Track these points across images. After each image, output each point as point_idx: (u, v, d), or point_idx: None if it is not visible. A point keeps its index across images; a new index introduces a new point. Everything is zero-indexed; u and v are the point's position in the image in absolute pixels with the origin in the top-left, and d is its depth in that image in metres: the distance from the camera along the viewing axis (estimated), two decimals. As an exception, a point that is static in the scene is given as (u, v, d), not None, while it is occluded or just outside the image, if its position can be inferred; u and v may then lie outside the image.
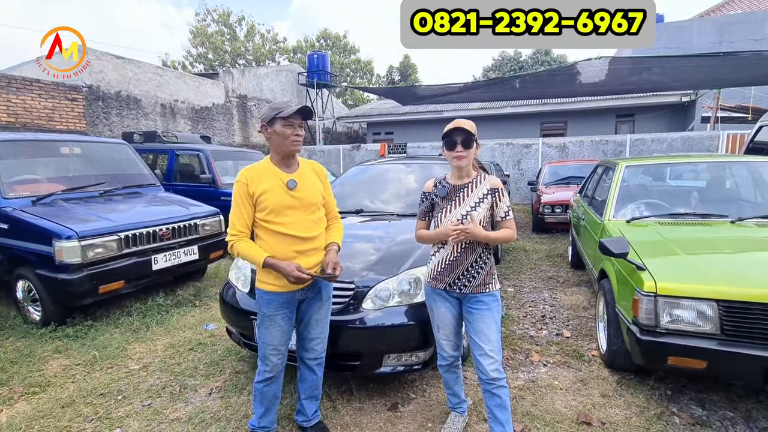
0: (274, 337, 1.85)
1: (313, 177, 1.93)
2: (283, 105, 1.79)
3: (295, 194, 1.81)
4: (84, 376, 2.73)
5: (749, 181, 3.53)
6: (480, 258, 1.85)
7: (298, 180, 1.83)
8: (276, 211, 1.78)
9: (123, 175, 4.62)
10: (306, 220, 1.83)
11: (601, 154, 10.95)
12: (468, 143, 1.82)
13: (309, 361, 2.00)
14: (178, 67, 27.76)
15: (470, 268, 1.84)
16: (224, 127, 13.01)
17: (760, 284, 2.01)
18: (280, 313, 1.84)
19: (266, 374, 1.89)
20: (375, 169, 4.26)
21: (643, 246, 2.50)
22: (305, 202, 1.83)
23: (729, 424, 2.13)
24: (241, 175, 1.81)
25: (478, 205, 1.84)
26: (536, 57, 26.67)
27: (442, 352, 2.01)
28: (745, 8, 15.54)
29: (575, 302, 3.95)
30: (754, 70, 7.73)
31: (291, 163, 1.87)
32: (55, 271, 3.25)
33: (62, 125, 8.32)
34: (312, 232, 1.85)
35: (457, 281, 1.85)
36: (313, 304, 1.94)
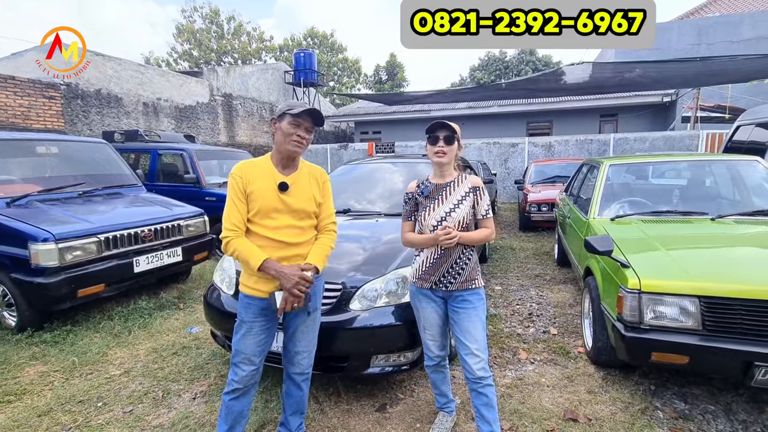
0: (247, 345, 1.75)
1: (310, 183, 1.82)
2: (299, 104, 1.73)
3: (284, 197, 1.73)
4: (62, 383, 2.64)
5: (728, 180, 3.62)
6: (463, 254, 1.86)
7: (291, 183, 1.75)
8: (263, 212, 1.71)
9: (103, 176, 4.49)
10: (293, 226, 1.75)
11: (586, 153, 11.14)
12: (450, 140, 1.84)
13: (295, 376, 1.91)
14: (162, 64, 27.27)
15: (455, 265, 1.85)
16: (209, 126, 12.80)
17: (739, 280, 2.06)
18: (257, 320, 1.75)
19: (234, 385, 1.76)
20: (362, 169, 4.23)
21: (627, 244, 2.53)
22: (293, 208, 1.74)
23: (710, 418, 2.17)
24: (236, 168, 1.74)
25: (461, 203, 1.85)
26: (521, 57, 26.95)
27: (428, 353, 2.01)
28: (723, 11, 15.98)
29: (562, 300, 3.99)
30: (731, 71, 7.95)
31: (290, 165, 1.78)
32: (30, 275, 3.14)
33: (39, 124, 8.07)
34: (298, 238, 1.76)
35: (442, 279, 1.86)
36: (299, 315, 1.83)
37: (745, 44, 12.83)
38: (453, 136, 1.84)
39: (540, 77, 9.21)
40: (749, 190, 3.39)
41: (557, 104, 14.23)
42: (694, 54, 12.85)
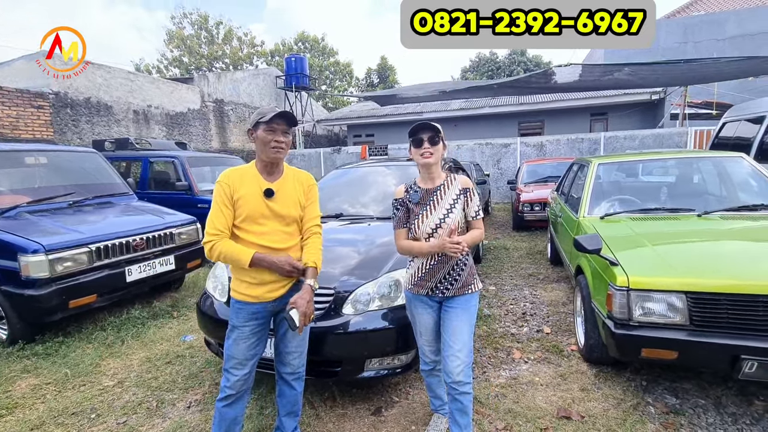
0: (239, 350, 1.77)
1: (296, 188, 1.83)
2: (269, 110, 1.73)
3: (270, 204, 1.75)
4: (55, 395, 2.61)
5: (714, 176, 3.68)
6: (460, 260, 1.82)
7: (276, 189, 1.77)
8: (250, 218, 1.73)
9: (93, 185, 4.47)
10: (280, 231, 1.77)
11: (577, 152, 11.23)
12: (434, 140, 1.79)
13: (286, 375, 1.93)
14: (153, 71, 27.13)
15: (452, 271, 1.82)
16: (201, 132, 12.75)
17: (725, 275, 2.09)
18: (248, 325, 1.78)
19: (227, 391, 1.78)
20: (355, 172, 4.24)
21: (616, 242, 2.56)
22: (279, 213, 1.77)
23: (701, 411, 2.20)
24: (223, 175, 1.76)
25: (453, 207, 1.82)
26: (512, 58, 27.16)
27: (424, 357, 2.01)
28: (708, 9, 16.23)
29: (555, 298, 4.02)
30: (715, 73, 8.10)
31: (274, 171, 1.80)
32: (21, 287, 3.11)
33: (28, 134, 7.99)
34: (285, 243, 1.78)
35: (439, 285, 1.82)
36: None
37: (731, 42, 13.05)
38: (437, 136, 1.79)
39: (531, 78, 9.30)
40: (735, 186, 3.44)
41: (548, 104, 14.35)
42: (682, 51, 13.07)
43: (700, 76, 8.73)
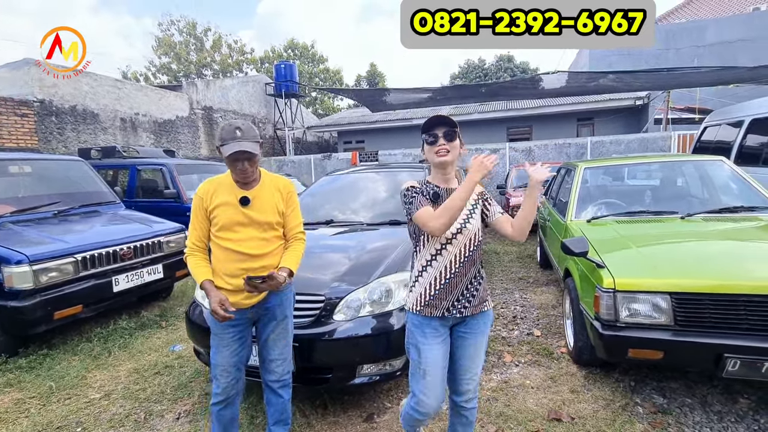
0: (222, 356, 1.81)
1: (273, 195, 1.85)
2: (229, 138, 1.68)
3: (246, 211, 1.77)
4: (39, 409, 2.55)
5: (696, 179, 3.77)
6: (479, 272, 1.60)
7: (253, 197, 1.79)
8: (227, 227, 1.76)
9: (79, 194, 4.40)
10: (257, 238, 1.79)
11: (565, 156, 11.39)
12: (451, 136, 1.56)
13: (272, 383, 1.93)
14: (140, 78, 26.90)
15: (470, 286, 1.57)
16: (189, 140, 12.65)
17: (707, 276, 2.14)
18: (228, 332, 1.80)
19: (218, 396, 1.83)
20: (345, 179, 4.25)
21: (602, 244, 2.61)
22: (256, 221, 1.78)
23: (687, 410, 2.24)
24: (199, 188, 1.81)
25: (472, 213, 1.61)
26: (500, 64, 27.59)
27: (419, 407, 1.60)
28: (688, 17, 16.71)
29: (545, 301, 4.06)
30: (696, 81, 8.35)
31: (249, 180, 1.81)
32: (4, 299, 3.04)
33: (11, 142, 7.84)
34: (262, 250, 1.80)
35: (456, 303, 1.55)
36: (268, 324, 1.88)
37: (710, 48, 13.45)
38: (453, 131, 1.56)
39: (519, 82, 9.46)
40: (716, 188, 3.53)
41: (536, 110, 14.55)
42: (665, 57, 13.41)
43: (683, 81, 8.99)
